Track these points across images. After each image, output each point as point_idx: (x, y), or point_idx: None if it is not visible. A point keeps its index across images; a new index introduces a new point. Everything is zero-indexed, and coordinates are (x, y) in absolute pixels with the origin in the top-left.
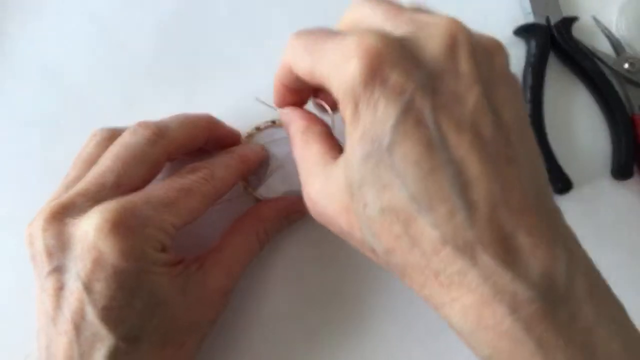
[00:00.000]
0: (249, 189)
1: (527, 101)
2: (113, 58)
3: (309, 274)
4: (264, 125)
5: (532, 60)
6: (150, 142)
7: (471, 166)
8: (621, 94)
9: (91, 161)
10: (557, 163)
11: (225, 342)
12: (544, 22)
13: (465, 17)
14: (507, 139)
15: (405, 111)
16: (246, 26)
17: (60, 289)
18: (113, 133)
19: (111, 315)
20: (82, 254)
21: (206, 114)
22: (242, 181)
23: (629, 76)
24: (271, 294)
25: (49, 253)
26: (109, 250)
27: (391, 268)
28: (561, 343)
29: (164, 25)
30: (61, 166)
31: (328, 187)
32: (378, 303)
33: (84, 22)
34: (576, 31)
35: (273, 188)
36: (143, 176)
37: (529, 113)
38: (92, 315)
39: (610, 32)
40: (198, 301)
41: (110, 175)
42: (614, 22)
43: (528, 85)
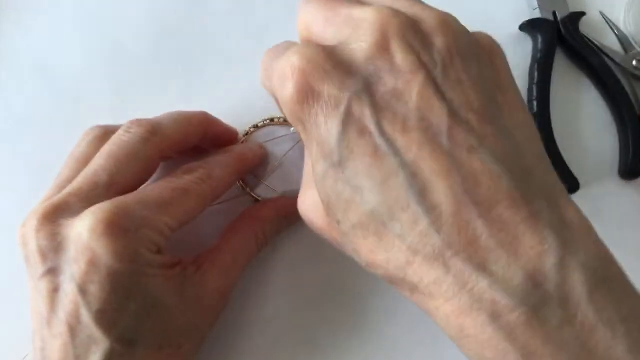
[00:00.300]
0: (247, 189)
1: (534, 98)
2: (107, 55)
3: (309, 275)
4: (262, 123)
5: (539, 56)
6: (143, 140)
7: (425, 166)
8: (629, 92)
9: (84, 160)
10: (564, 162)
11: (224, 344)
12: (551, 18)
13: (470, 13)
14: (467, 123)
15: (345, 123)
16: (244, 22)
17: (54, 291)
18: (106, 131)
19: (106, 318)
20: (77, 256)
21: (201, 112)
22: (240, 181)
23: (638, 74)
24: (271, 295)
25: (43, 254)
26: (103, 251)
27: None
28: (549, 351)
29: (160, 22)
30: (54, 165)
31: (314, 201)
32: (379, 304)
33: (78, 20)
34: (583, 27)
35: (272, 188)
36: (137, 175)
37: (536, 111)
38: (87, 317)
39: (618, 28)
40: (196, 303)
41: (103, 174)
42: (622, 18)
43: (534, 81)
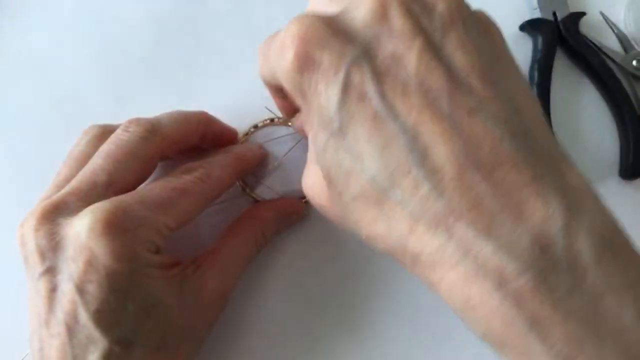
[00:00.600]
0: (247, 190)
1: None
2: (106, 54)
3: (309, 276)
4: (262, 123)
5: (539, 56)
6: (142, 139)
7: (426, 130)
8: (629, 92)
9: (83, 159)
10: None
11: (223, 344)
12: (551, 18)
13: None
14: (467, 87)
15: (345, 89)
16: (244, 21)
17: (52, 291)
18: (105, 130)
19: (104, 318)
20: (75, 255)
21: (201, 111)
22: (240, 181)
23: (638, 74)
24: (270, 295)
25: (41, 254)
26: (101, 251)
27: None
28: (558, 318)
29: (159, 20)
30: (54, 164)
31: (316, 178)
32: (380, 305)
33: (77, 18)
34: (583, 27)
35: (272, 188)
36: (136, 174)
37: None
38: (85, 318)
39: (618, 28)
40: (195, 304)
41: (101, 173)
42: (622, 18)
43: (534, 81)
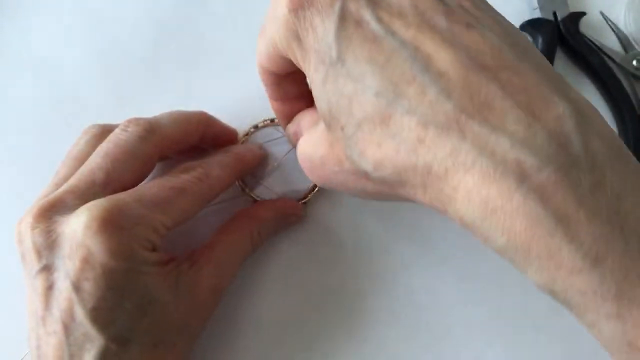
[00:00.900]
0: (246, 190)
1: None
2: (107, 54)
3: (309, 276)
4: (262, 124)
5: None
6: (141, 139)
7: (426, 41)
8: (629, 92)
9: (82, 158)
10: None
11: (222, 344)
12: (551, 18)
13: None
14: (460, 8)
15: (342, 18)
16: (244, 21)
17: (49, 289)
18: (104, 130)
19: (101, 315)
20: (71, 253)
21: (200, 111)
22: (239, 181)
23: (638, 74)
24: (269, 296)
25: (38, 251)
26: (98, 248)
27: (390, 190)
28: (584, 216)
29: (160, 20)
30: (53, 164)
31: (313, 136)
32: (379, 305)
33: (78, 17)
34: (583, 27)
35: (271, 189)
36: (134, 173)
37: None
38: (82, 315)
39: (618, 28)
40: (190, 300)
41: (99, 172)
42: (622, 18)
43: None
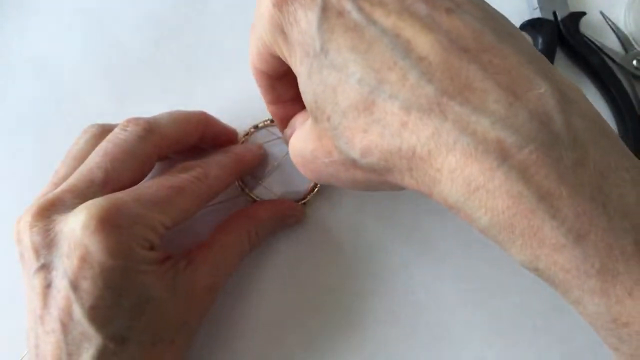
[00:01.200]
0: (246, 190)
1: None
2: (107, 54)
3: (308, 276)
4: (262, 124)
5: None
6: (140, 138)
7: (406, 27)
8: (629, 92)
9: (81, 158)
10: None
11: (222, 344)
12: (551, 18)
13: None
14: None
15: (324, 9)
16: (244, 21)
17: (47, 287)
18: (104, 129)
19: (99, 314)
20: (69, 252)
21: (200, 111)
22: (239, 181)
23: (638, 74)
24: (269, 296)
25: (36, 250)
26: (96, 247)
27: (378, 178)
28: (566, 192)
29: (159, 20)
30: (53, 164)
31: (303, 131)
32: (379, 305)
33: (78, 18)
34: (583, 27)
35: (270, 189)
36: (133, 173)
37: None
38: (80, 314)
39: (618, 28)
40: (186, 298)
41: (98, 171)
42: (622, 18)
43: None
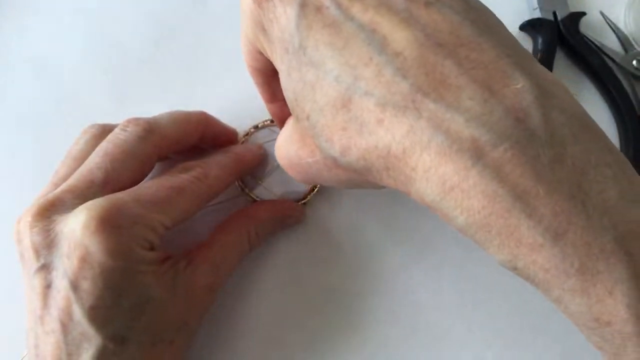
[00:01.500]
0: (246, 190)
1: None
2: (107, 55)
3: (308, 276)
4: (263, 124)
5: (539, 56)
6: (140, 139)
7: (383, 22)
8: (629, 92)
9: (81, 158)
10: None
11: (222, 344)
12: (551, 18)
13: None
14: None
15: (302, 5)
16: None
17: (47, 288)
18: (104, 130)
19: (99, 314)
20: (69, 252)
21: (200, 111)
22: (239, 181)
23: (638, 74)
24: (269, 296)
25: (36, 250)
26: (96, 248)
27: (359, 178)
28: (543, 190)
29: (159, 20)
30: (53, 164)
31: (287, 132)
32: (379, 305)
33: (78, 18)
34: (583, 27)
35: (270, 189)
36: (133, 173)
37: None
38: (80, 314)
39: (618, 28)
40: (186, 299)
41: (98, 172)
42: (622, 18)
43: None
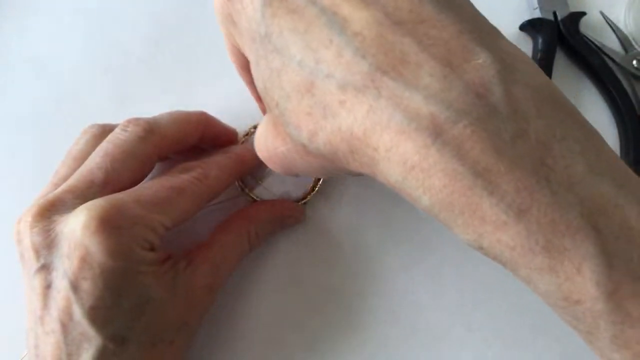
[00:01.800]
0: (246, 190)
1: None
2: (107, 54)
3: (308, 276)
4: None
5: (539, 56)
6: (140, 139)
7: (343, 4)
8: (629, 92)
9: (81, 158)
10: None
11: (222, 345)
12: (551, 18)
13: None
14: None
15: None
16: None
17: (47, 288)
18: (104, 130)
19: (99, 315)
20: (69, 252)
21: (200, 111)
22: (239, 181)
23: (638, 74)
24: (269, 296)
25: (36, 251)
26: (96, 248)
27: (330, 164)
28: (504, 167)
29: (159, 20)
30: (54, 164)
31: (263, 124)
32: (379, 305)
33: (78, 18)
34: (583, 27)
35: (270, 189)
36: (133, 173)
37: None
38: (80, 315)
39: (618, 28)
40: (186, 299)
41: (98, 172)
42: (622, 18)
43: None
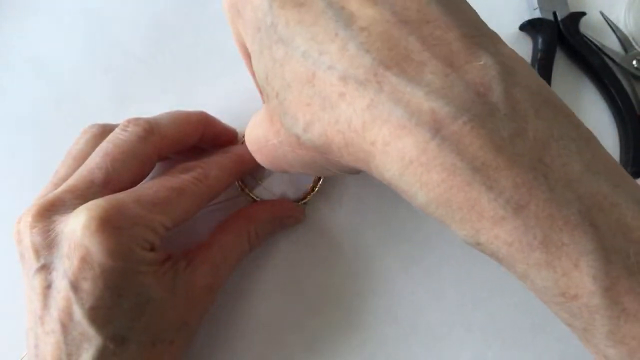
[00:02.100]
0: (246, 190)
1: None
2: (107, 54)
3: (308, 276)
4: None
5: (539, 56)
6: (140, 139)
7: (351, 0)
8: (629, 92)
9: (81, 158)
10: None
11: (222, 345)
12: (551, 18)
13: None
14: None
15: None
16: None
17: (47, 288)
18: (104, 130)
19: (99, 315)
20: (69, 252)
21: (200, 111)
22: (239, 181)
23: (638, 74)
24: (269, 296)
25: (36, 251)
26: (96, 248)
27: (322, 158)
28: (503, 163)
29: (159, 20)
30: (54, 164)
31: (257, 117)
32: (379, 305)
33: (78, 18)
34: (583, 27)
35: (270, 189)
36: (133, 173)
37: None
38: (80, 315)
39: (618, 28)
40: (186, 299)
41: (98, 172)
42: (622, 18)
43: None
